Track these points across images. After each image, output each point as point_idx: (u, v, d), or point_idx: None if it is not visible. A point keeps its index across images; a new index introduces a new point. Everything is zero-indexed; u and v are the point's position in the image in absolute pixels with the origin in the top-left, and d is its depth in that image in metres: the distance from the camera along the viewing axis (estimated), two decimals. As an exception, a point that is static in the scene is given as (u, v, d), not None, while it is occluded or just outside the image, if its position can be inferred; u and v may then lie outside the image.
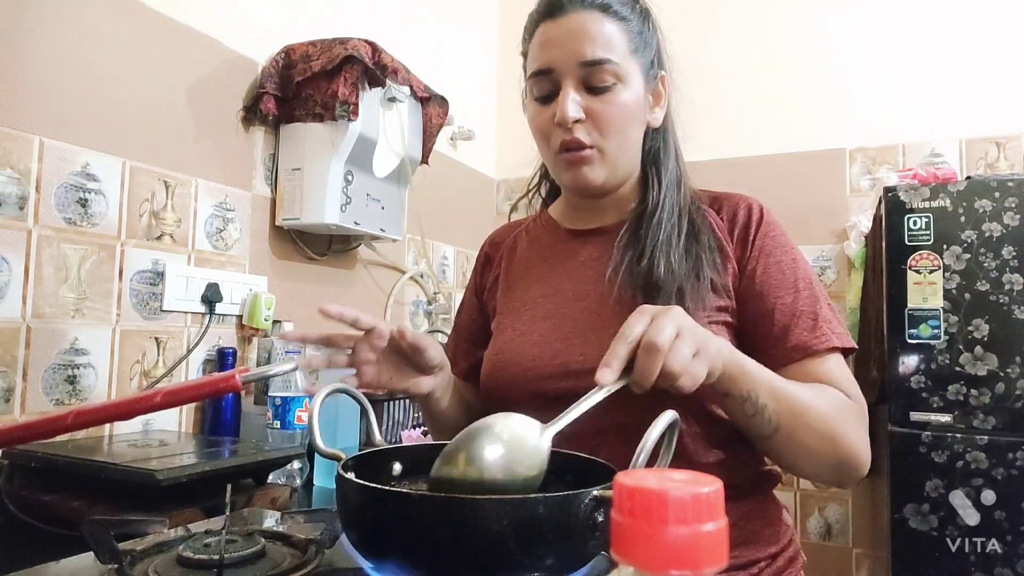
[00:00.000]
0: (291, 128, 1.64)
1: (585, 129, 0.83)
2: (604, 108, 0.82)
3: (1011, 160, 2.14)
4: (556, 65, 0.82)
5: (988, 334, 1.71)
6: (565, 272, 0.92)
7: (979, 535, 1.66)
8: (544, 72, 0.84)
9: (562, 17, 0.83)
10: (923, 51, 2.25)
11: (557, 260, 0.94)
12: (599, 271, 0.87)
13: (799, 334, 0.80)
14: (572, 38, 0.81)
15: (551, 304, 0.89)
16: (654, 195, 0.88)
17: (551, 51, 0.83)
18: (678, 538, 0.25)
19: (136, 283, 1.35)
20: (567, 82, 0.82)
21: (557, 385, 0.82)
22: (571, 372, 0.82)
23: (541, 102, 0.86)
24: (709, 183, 0.95)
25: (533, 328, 0.89)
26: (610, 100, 0.82)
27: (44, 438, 0.62)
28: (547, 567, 0.49)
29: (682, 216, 0.86)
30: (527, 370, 0.85)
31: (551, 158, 0.88)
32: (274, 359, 1.53)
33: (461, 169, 2.55)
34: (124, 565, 0.55)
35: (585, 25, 0.82)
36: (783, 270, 0.84)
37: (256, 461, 1.11)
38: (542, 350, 0.86)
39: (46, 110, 1.20)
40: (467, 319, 1.04)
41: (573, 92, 0.82)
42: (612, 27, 0.82)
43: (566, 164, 0.85)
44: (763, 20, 2.47)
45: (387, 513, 0.51)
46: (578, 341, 0.84)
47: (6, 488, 0.97)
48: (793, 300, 0.82)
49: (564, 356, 0.84)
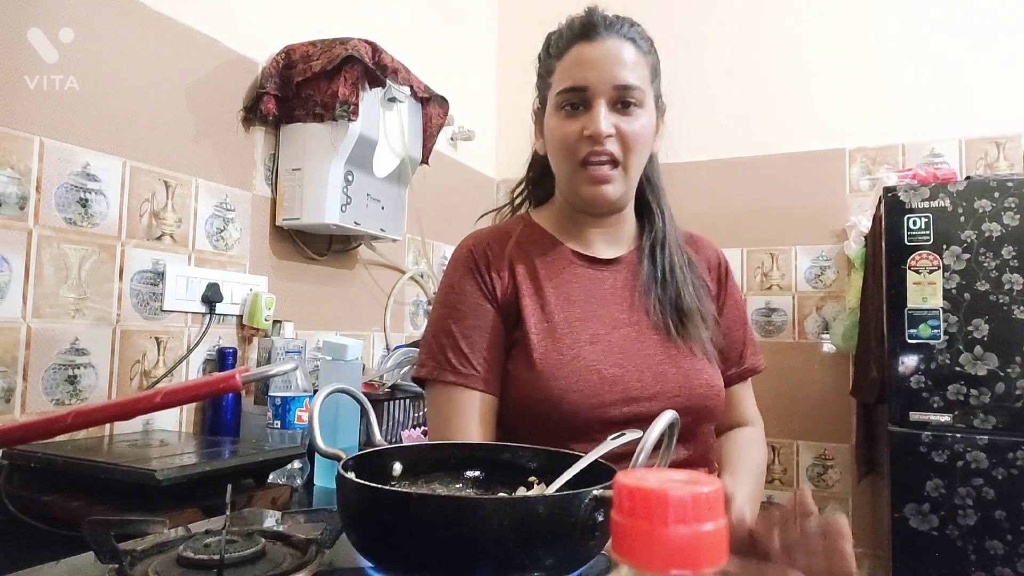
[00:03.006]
0: (291, 128, 1.64)
1: (613, 144, 0.89)
2: (630, 128, 0.90)
3: (1011, 160, 2.14)
4: (591, 84, 0.89)
5: (988, 334, 1.71)
6: (596, 299, 0.95)
7: (979, 535, 1.66)
8: (578, 89, 0.90)
9: (599, 41, 0.90)
10: (923, 51, 2.25)
11: (583, 286, 0.96)
12: (625, 298, 0.95)
13: (749, 358, 1.05)
14: (608, 62, 0.89)
15: (591, 330, 0.92)
16: (660, 224, 0.99)
17: (587, 71, 0.89)
18: (678, 538, 0.25)
19: (136, 283, 1.35)
20: (599, 101, 0.89)
21: (620, 411, 0.87)
22: (631, 398, 0.88)
23: (568, 116, 0.91)
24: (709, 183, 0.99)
25: (581, 353, 0.89)
26: (635, 122, 0.90)
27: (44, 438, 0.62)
28: (547, 567, 0.49)
29: (680, 246, 0.99)
30: (589, 397, 0.86)
31: (571, 170, 0.92)
32: (274, 359, 1.53)
33: (461, 169, 2.55)
34: (124, 565, 0.55)
35: (619, 52, 0.90)
36: (739, 308, 1.06)
37: (256, 461, 1.11)
38: (599, 378, 0.88)
39: (46, 110, 1.20)
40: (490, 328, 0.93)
41: (606, 110, 0.89)
42: (639, 58, 0.92)
43: (590, 179, 0.91)
44: (763, 20, 2.47)
45: (387, 513, 0.51)
46: (631, 367, 0.90)
47: (6, 488, 0.97)
48: (744, 332, 1.05)
49: (623, 383, 0.88)
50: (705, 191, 2.40)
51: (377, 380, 1.62)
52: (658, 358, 0.91)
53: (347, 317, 1.92)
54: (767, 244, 2.38)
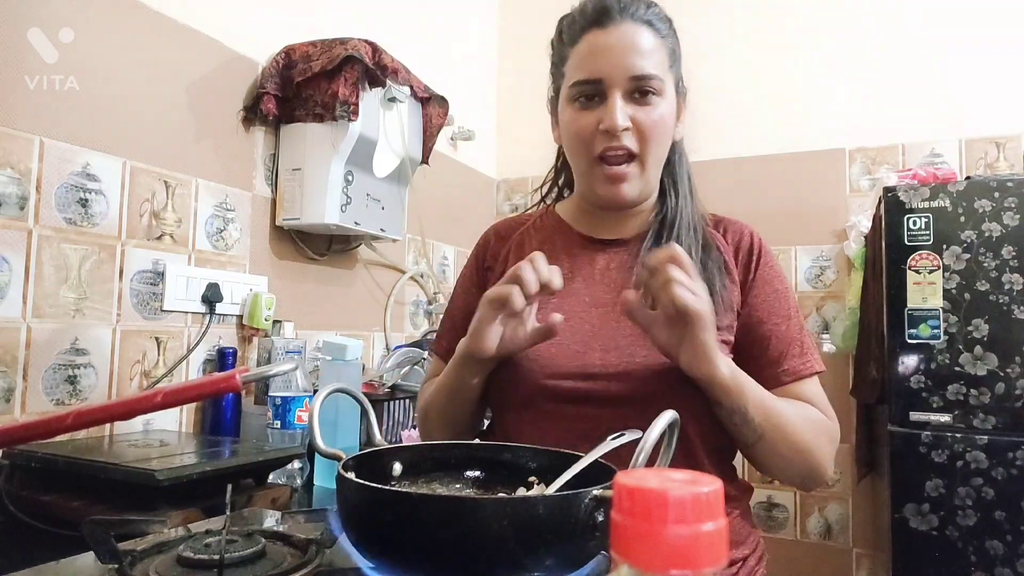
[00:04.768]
0: (291, 128, 1.64)
1: (630, 138, 0.85)
2: (647, 119, 0.85)
3: (1011, 160, 2.14)
4: (606, 75, 0.85)
5: (988, 334, 1.71)
6: (581, 278, 0.93)
7: (979, 535, 1.66)
8: (593, 81, 0.86)
9: (612, 27, 0.85)
10: (923, 51, 2.25)
11: (574, 265, 0.94)
12: (617, 280, 0.91)
13: (791, 360, 0.88)
14: (623, 50, 0.84)
15: (565, 307, 0.89)
16: (672, 205, 0.93)
17: (601, 61, 0.85)
18: (678, 538, 0.25)
19: (136, 283, 1.35)
20: (615, 92, 0.84)
21: (574, 385, 0.84)
22: (589, 375, 0.84)
23: (583, 108, 0.87)
24: (709, 183, 0.97)
25: None
26: (653, 112, 0.86)
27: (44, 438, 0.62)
28: (547, 567, 0.49)
29: (696, 230, 0.92)
30: (543, 367, 0.86)
31: (587, 165, 0.89)
32: (274, 359, 1.53)
33: (461, 169, 2.55)
34: (124, 565, 0.55)
35: (635, 39, 0.85)
36: (779, 298, 0.91)
37: (256, 461, 1.11)
38: (559, 350, 0.86)
39: (46, 110, 1.20)
40: (464, 307, 0.99)
41: (622, 102, 0.84)
42: (656, 42, 0.86)
43: (606, 178, 0.88)
44: (762, 21, 2.47)
45: (387, 513, 0.51)
46: (596, 346, 0.86)
47: (6, 488, 0.97)
48: (786, 328, 0.89)
49: (582, 359, 0.85)
50: (705, 191, 2.39)
51: (377, 380, 1.62)
52: (628, 339, 0.85)
53: (347, 317, 1.92)
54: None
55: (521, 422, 0.88)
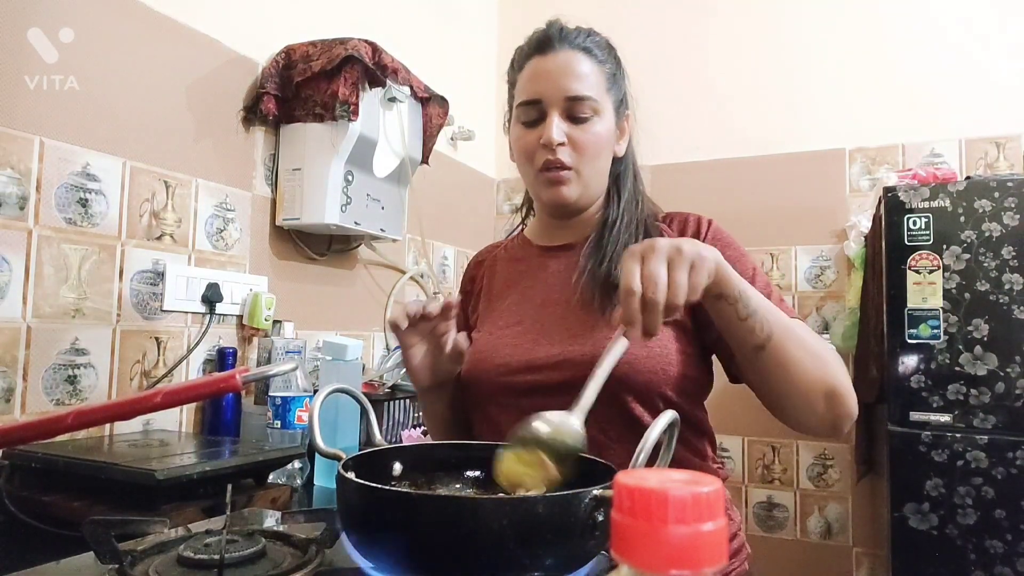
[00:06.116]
0: (291, 128, 1.64)
1: (566, 152, 0.93)
2: (583, 136, 0.93)
3: (1011, 160, 2.14)
4: (544, 96, 0.93)
5: (988, 334, 1.71)
6: (535, 283, 1.01)
7: (979, 534, 1.66)
8: (533, 102, 0.94)
9: (551, 54, 0.93)
10: (923, 51, 2.25)
11: (529, 273, 1.03)
12: (565, 280, 0.97)
13: None
14: (560, 74, 0.92)
15: (521, 311, 0.99)
16: (614, 210, 0.98)
17: (540, 84, 0.93)
18: (678, 538, 0.25)
19: (136, 283, 1.35)
20: (553, 111, 0.92)
21: (524, 378, 0.91)
22: (536, 366, 0.90)
23: (527, 127, 0.96)
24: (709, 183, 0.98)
25: (506, 332, 0.98)
26: (587, 130, 0.93)
27: (44, 438, 0.62)
28: (547, 567, 0.49)
29: (639, 227, 0.97)
30: (499, 366, 0.93)
31: (532, 176, 0.97)
32: (274, 359, 1.53)
33: (461, 169, 2.55)
34: (124, 565, 0.55)
35: (571, 63, 0.93)
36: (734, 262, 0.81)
37: (256, 461, 1.11)
38: (513, 350, 0.94)
39: (46, 110, 1.20)
40: None
41: (558, 120, 0.92)
42: (592, 67, 0.94)
43: (547, 182, 0.95)
44: (763, 20, 2.47)
45: (387, 513, 0.51)
46: (544, 341, 0.93)
47: (6, 488, 0.97)
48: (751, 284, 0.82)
49: (531, 354, 0.92)
50: (705, 191, 2.40)
51: (377, 380, 1.63)
52: (574, 331, 0.91)
53: (347, 317, 1.92)
54: (767, 244, 2.38)
55: (486, 419, 0.96)
